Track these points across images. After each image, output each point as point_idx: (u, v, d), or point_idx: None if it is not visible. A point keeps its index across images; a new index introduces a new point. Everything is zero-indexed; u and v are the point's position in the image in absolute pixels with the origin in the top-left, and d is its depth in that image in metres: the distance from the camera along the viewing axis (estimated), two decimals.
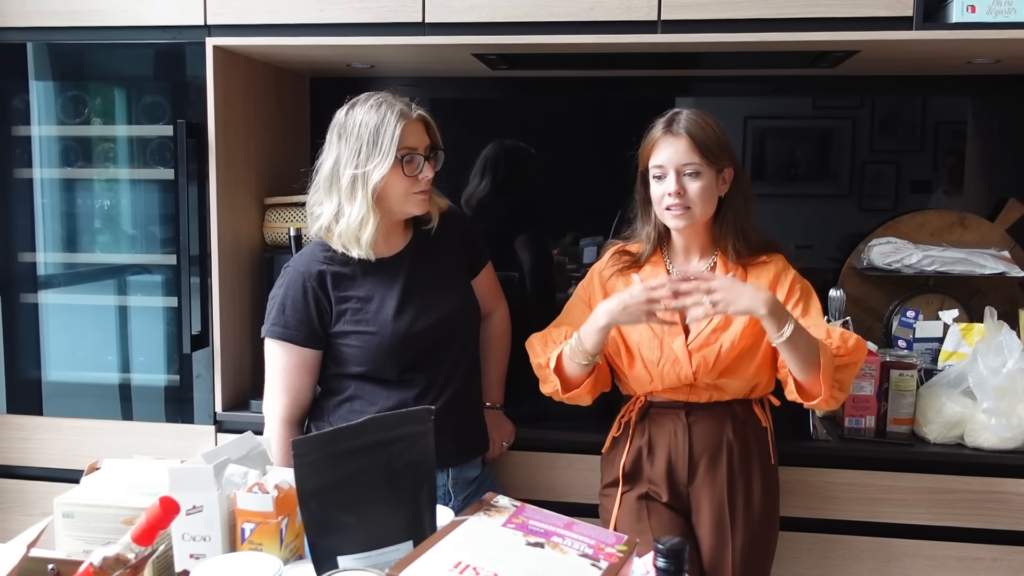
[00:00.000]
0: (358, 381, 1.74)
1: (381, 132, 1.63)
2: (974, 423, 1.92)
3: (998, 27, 1.83)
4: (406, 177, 1.66)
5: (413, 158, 1.66)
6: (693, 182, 1.64)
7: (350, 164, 1.64)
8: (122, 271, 2.30)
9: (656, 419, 1.75)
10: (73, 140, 2.25)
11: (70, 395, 2.28)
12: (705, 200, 1.65)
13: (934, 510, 1.95)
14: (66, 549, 1.27)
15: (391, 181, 1.65)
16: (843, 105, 2.49)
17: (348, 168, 1.65)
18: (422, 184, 1.69)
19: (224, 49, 2.07)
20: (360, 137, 1.64)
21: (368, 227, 1.65)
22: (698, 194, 1.64)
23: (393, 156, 1.63)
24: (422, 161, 1.68)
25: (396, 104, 1.66)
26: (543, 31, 1.95)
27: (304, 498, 1.14)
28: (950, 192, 2.47)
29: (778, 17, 1.89)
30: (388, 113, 1.64)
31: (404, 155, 1.65)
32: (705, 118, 1.66)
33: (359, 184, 1.64)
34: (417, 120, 1.69)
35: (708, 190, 1.65)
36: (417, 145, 1.67)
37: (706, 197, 1.65)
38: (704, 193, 1.64)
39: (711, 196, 1.66)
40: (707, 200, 1.66)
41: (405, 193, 1.68)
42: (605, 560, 1.09)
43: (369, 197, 1.64)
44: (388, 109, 1.65)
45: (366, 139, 1.64)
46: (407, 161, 1.65)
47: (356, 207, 1.64)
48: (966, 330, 2.08)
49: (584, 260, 2.54)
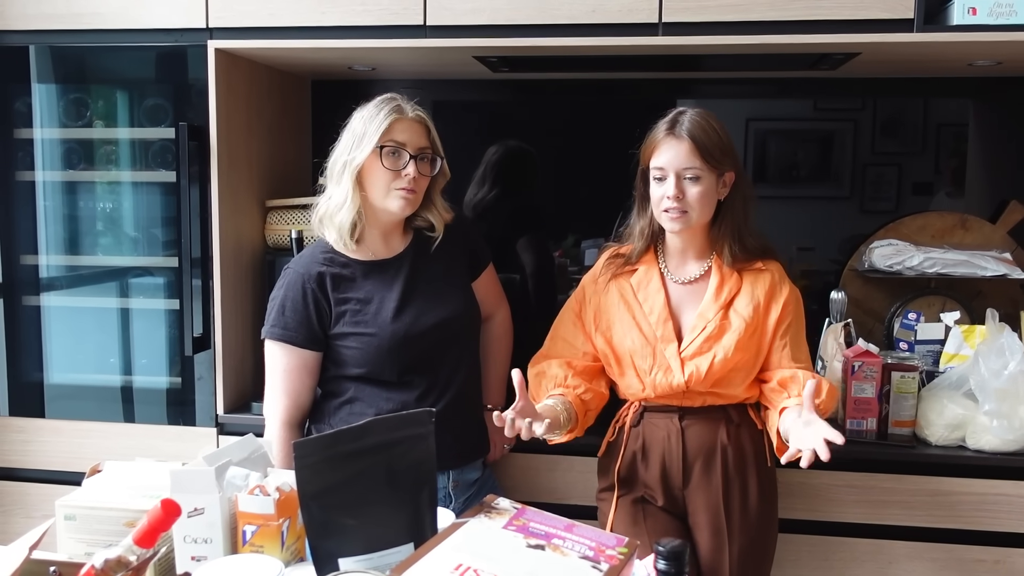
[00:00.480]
0: (358, 383, 1.74)
1: (368, 122, 1.68)
2: (976, 425, 1.92)
3: (999, 29, 1.83)
4: (386, 169, 1.68)
5: (399, 153, 1.68)
6: (693, 186, 1.63)
7: (344, 153, 1.70)
8: (124, 273, 2.31)
9: (650, 424, 1.75)
10: (75, 143, 2.25)
11: (72, 397, 2.29)
12: (703, 205, 1.65)
13: (936, 512, 1.95)
14: (68, 551, 1.27)
15: (371, 168, 1.68)
16: (845, 107, 2.49)
17: (341, 157, 1.70)
18: (404, 181, 1.69)
19: (226, 52, 2.08)
20: (354, 129, 1.70)
21: (344, 210, 1.69)
22: (697, 199, 1.63)
23: (375, 143, 1.66)
24: (407, 157, 1.68)
25: (396, 101, 1.71)
26: (544, 33, 1.95)
27: (305, 500, 1.14)
28: (952, 194, 2.47)
29: (779, 20, 1.89)
30: (384, 107, 1.69)
31: (387, 146, 1.67)
32: (709, 120, 1.65)
33: (346, 169, 1.69)
34: (414, 120, 1.71)
35: (707, 195, 1.64)
36: (406, 142, 1.69)
37: (705, 202, 1.64)
38: (703, 198, 1.64)
39: (710, 200, 1.66)
40: (705, 205, 1.65)
41: (386, 186, 1.69)
42: (606, 562, 1.09)
43: (351, 179, 1.68)
44: (386, 104, 1.70)
45: (358, 130, 1.69)
46: (387, 152, 1.68)
47: (340, 190, 1.70)
48: (967, 332, 2.08)
49: (586, 262, 2.54)
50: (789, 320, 1.70)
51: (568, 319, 1.81)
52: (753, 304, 1.68)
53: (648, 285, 1.73)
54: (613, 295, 1.75)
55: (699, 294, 1.71)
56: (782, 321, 1.69)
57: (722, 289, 1.69)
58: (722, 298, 1.68)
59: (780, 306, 1.69)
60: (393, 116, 1.68)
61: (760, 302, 1.68)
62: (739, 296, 1.69)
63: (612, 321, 1.74)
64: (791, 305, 1.71)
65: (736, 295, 1.69)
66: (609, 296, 1.76)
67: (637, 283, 1.74)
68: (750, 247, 1.71)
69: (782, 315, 1.69)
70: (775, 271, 1.72)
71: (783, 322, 1.70)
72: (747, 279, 1.70)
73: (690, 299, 1.72)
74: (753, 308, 1.68)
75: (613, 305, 1.75)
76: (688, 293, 1.72)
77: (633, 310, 1.73)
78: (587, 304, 1.79)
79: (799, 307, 1.74)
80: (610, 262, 1.79)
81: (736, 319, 1.67)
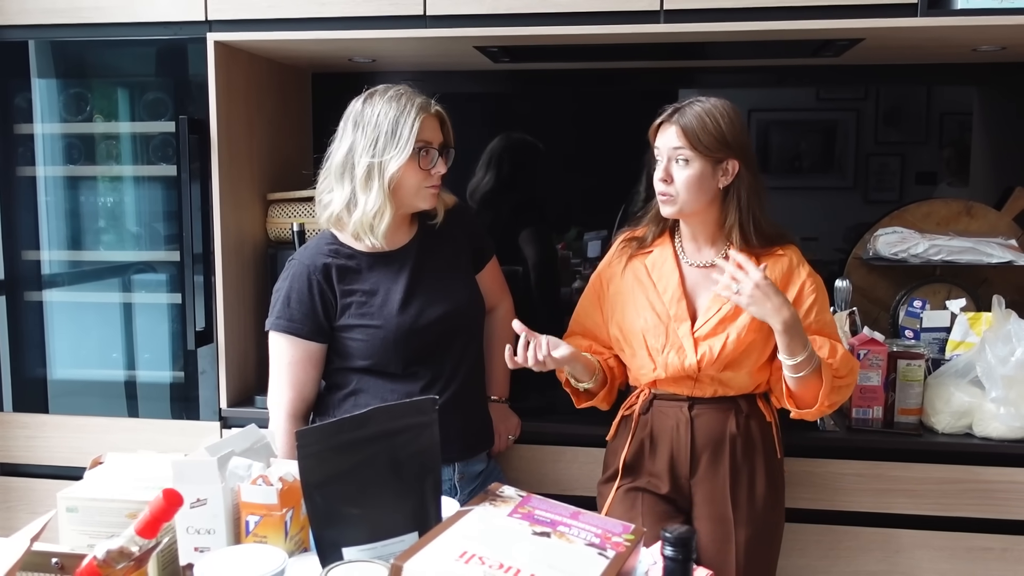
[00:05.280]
0: (362, 375, 1.74)
1: (401, 123, 1.64)
2: (982, 413, 1.91)
3: (1004, 13, 1.81)
4: (420, 170, 1.67)
5: (429, 151, 1.67)
6: (681, 171, 1.63)
7: (366, 153, 1.65)
8: (126, 269, 2.30)
9: (659, 412, 1.74)
10: (76, 138, 2.25)
11: (75, 393, 2.29)
12: (691, 190, 1.63)
13: (943, 500, 1.94)
14: (70, 544, 1.26)
15: (407, 173, 1.65)
16: (847, 97, 2.48)
17: (364, 157, 1.65)
18: (434, 179, 1.70)
19: (225, 44, 2.07)
20: (379, 126, 1.64)
21: (385, 218, 1.66)
22: (684, 183, 1.63)
23: (411, 147, 1.63)
24: (436, 155, 1.68)
25: (416, 97, 1.68)
26: (545, 22, 1.94)
27: (308, 490, 1.13)
28: (954, 183, 2.46)
29: (781, 6, 1.88)
30: (408, 105, 1.65)
31: (421, 147, 1.65)
32: (714, 109, 1.63)
33: (375, 174, 1.64)
34: (434, 115, 1.70)
35: (697, 180, 1.63)
36: (432, 139, 1.68)
37: (694, 187, 1.63)
38: (692, 182, 1.63)
39: (700, 186, 1.64)
40: (695, 190, 1.64)
41: (418, 186, 1.68)
42: (612, 549, 1.08)
43: (386, 187, 1.64)
44: (408, 101, 1.66)
45: (385, 128, 1.64)
46: (423, 154, 1.66)
47: (372, 197, 1.65)
48: (973, 319, 2.07)
49: (588, 254, 2.53)
50: (812, 299, 1.69)
51: (586, 305, 1.84)
52: None
53: (663, 265, 1.73)
54: (628, 278, 1.76)
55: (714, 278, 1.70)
56: (800, 302, 1.68)
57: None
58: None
59: (797, 288, 1.68)
60: (423, 115, 1.65)
61: (777, 283, 1.67)
62: None
63: (626, 302, 1.75)
64: (811, 282, 1.69)
65: None
66: (624, 279, 1.76)
67: (652, 263, 1.75)
68: (766, 235, 1.69)
69: (799, 296, 1.68)
70: (793, 255, 1.71)
71: (804, 300, 1.68)
72: (765, 264, 1.69)
73: (705, 282, 1.71)
74: None
75: (628, 287, 1.76)
76: (703, 277, 1.71)
77: (647, 290, 1.73)
78: (604, 289, 1.81)
79: (820, 289, 1.71)
80: (624, 245, 1.80)
81: None
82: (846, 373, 1.67)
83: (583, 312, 1.85)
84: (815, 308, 1.69)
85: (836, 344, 1.68)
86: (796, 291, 1.68)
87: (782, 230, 1.73)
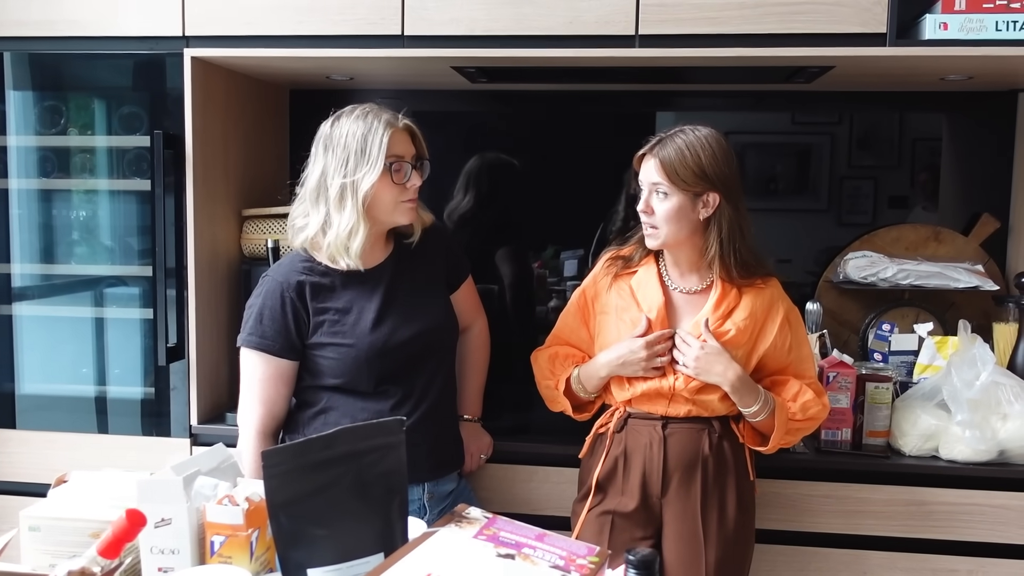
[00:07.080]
0: (333, 393, 1.73)
1: (369, 140, 1.64)
2: (948, 435, 1.93)
3: (970, 44, 1.85)
4: (395, 185, 1.67)
5: (401, 166, 1.67)
6: (660, 203, 1.66)
7: (338, 174, 1.65)
8: (98, 283, 2.28)
9: (633, 430, 1.75)
10: (50, 150, 2.24)
11: (44, 408, 2.25)
12: (672, 222, 1.66)
13: (910, 522, 1.96)
14: (32, 563, 1.25)
15: (380, 189, 1.65)
16: (822, 121, 2.52)
17: (336, 178, 1.65)
18: (410, 192, 1.70)
19: (202, 60, 2.07)
20: (347, 147, 1.65)
21: (358, 236, 1.65)
22: (663, 215, 1.66)
23: (382, 164, 1.63)
24: (409, 169, 1.69)
25: (382, 113, 1.68)
26: (521, 44, 1.96)
27: (274, 510, 1.13)
28: (928, 208, 2.50)
29: (754, 33, 1.91)
30: (375, 122, 1.65)
31: (392, 163, 1.66)
32: (696, 142, 1.64)
33: (348, 193, 1.64)
34: (403, 129, 1.70)
35: (676, 213, 1.65)
36: (404, 153, 1.69)
37: (674, 219, 1.66)
38: (670, 215, 1.65)
39: (680, 219, 1.66)
40: (675, 222, 1.66)
41: (394, 202, 1.68)
42: (576, 572, 1.08)
43: (360, 205, 1.64)
44: (375, 118, 1.66)
45: (354, 148, 1.64)
46: (395, 169, 1.66)
47: (346, 216, 1.64)
48: (940, 343, 2.10)
49: (565, 273, 2.54)
50: (789, 341, 1.74)
51: (570, 321, 1.86)
52: (750, 316, 1.70)
53: (647, 285, 1.75)
54: (613, 296, 1.78)
55: (698, 305, 1.73)
56: (781, 340, 1.72)
57: (722, 303, 1.70)
58: (721, 310, 1.70)
59: (777, 325, 1.72)
60: (390, 130, 1.65)
61: (757, 316, 1.71)
62: (737, 309, 1.71)
63: (610, 320, 1.77)
64: (788, 324, 1.73)
65: (735, 309, 1.71)
66: (610, 297, 1.78)
67: (637, 284, 1.77)
68: (747, 265, 1.71)
69: (780, 334, 1.72)
70: (774, 290, 1.74)
71: (783, 341, 1.73)
72: (746, 295, 1.72)
73: (688, 308, 1.74)
74: (750, 318, 1.70)
75: (612, 305, 1.78)
76: (687, 302, 1.74)
77: (630, 309, 1.75)
78: (589, 306, 1.83)
79: (798, 324, 1.77)
80: (610, 264, 1.81)
81: (731, 325, 1.69)
82: (803, 419, 1.72)
83: (567, 328, 1.87)
84: (794, 347, 1.74)
85: (805, 388, 1.73)
86: (776, 328, 1.71)
87: (764, 261, 1.75)
